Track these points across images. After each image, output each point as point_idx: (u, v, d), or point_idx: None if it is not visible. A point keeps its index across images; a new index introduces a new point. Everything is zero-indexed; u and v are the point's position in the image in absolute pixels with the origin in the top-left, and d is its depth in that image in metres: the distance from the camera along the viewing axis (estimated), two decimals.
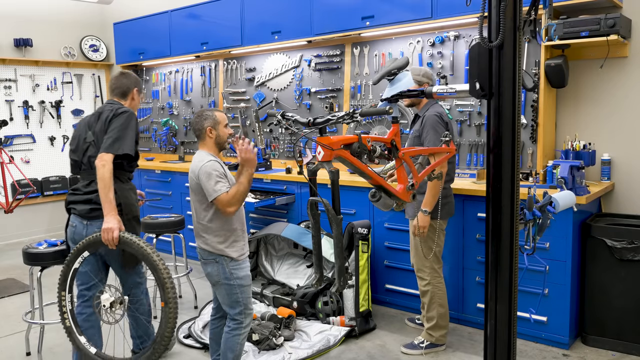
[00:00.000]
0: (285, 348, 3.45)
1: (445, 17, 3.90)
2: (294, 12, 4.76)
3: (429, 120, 3.20)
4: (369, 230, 3.77)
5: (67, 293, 2.85)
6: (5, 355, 3.53)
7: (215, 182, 2.65)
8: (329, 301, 3.80)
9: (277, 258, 4.47)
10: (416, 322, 3.80)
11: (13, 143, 6.62)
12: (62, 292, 2.85)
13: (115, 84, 3.12)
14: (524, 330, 3.46)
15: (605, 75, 3.73)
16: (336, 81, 4.88)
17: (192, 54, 5.79)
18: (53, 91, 6.97)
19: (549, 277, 3.35)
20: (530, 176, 3.73)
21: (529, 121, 3.80)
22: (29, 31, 6.74)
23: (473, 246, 3.65)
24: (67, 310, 2.86)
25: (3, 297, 4.63)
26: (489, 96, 1.89)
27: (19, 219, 6.66)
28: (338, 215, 2.22)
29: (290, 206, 4.58)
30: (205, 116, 2.82)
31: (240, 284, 2.78)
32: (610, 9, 3.58)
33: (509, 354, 1.98)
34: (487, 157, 1.94)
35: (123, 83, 3.11)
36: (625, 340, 3.32)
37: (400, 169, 2.59)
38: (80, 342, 2.86)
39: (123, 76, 3.15)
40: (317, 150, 2.25)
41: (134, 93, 3.13)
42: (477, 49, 1.88)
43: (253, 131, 5.48)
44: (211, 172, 2.67)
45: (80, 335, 2.87)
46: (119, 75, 3.16)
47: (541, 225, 2.17)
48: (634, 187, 3.71)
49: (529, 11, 1.97)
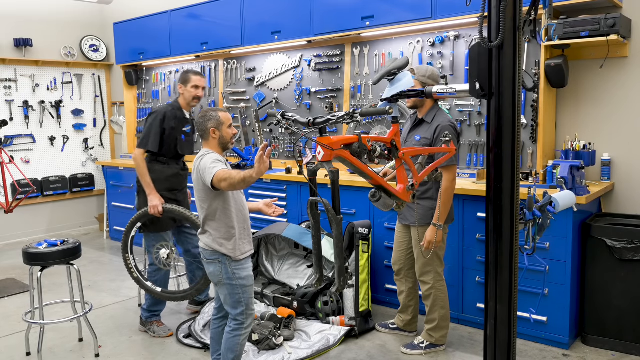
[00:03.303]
0: (285, 348, 3.45)
1: (445, 17, 3.90)
2: (294, 12, 4.76)
3: (444, 130, 3.14)
4: (369, 230, 3.78)
5: (130, 254, 3.70)
6: (5, 355, 3.53)
7: (211, 163, 2.66)
8: (329, 301, 3.80)
9: (278, 258, 4.47)
10: (390, 327, 3.73)
11: (13, 143, 6.62)
12: (126, 255, 3.69)
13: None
14: (524, 330, 3.46)
15: (605, 75, 3.74)
16: (336, 81, 4.88)
17: (192, 54, 5.79)
18: (53, 91, 6.97)
19: (549, 277, 3.35)
20: (530, 176, 3.73)
21: (529, 121, 3.80)
22: (29, 31, 6.74)
23: (473, 246, 3.65)
24: (133, 266, 3.69)
25: (3, 297, 4.63)
26: (489, 96, 1.89)
27: (19, 219, 6.66)
28: (338, 215, 2.22)
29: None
30: (209, 117, 2.82)
31: (243, 284, 2.78)
32: (610, 9, 3.58)
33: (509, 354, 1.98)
34: (487, 157, 1.94)
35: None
36: (625, 340, 3.32)
37: (400, 169, 2.59)
38: (147, 286, 3.71)
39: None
40: (317, 150, 2.25)
41: (179, 87, 3.79)
42: (477, 49, 1.88)
43: (253, 131, 5.48)
44: (209, 159, 2.70)
45: (146, 281, 3.72)
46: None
47: (541, 225, 2.17)
48: (634, 187, 3.71)
49: (529, 11, 1.98)
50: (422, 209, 3.28)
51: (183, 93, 3.78)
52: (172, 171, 3.80)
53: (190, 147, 3.94)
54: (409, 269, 3.52)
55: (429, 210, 3.26)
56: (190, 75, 3.77)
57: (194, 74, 3.78)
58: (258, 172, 2.47)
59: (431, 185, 3.25)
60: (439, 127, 3.19)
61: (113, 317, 4.09)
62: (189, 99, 3.78)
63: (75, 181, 7.21)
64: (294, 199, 4.60)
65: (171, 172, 3.79)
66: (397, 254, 3.56)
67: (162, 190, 3.70)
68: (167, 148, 3.75)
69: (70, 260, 3.38)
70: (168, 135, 3.72)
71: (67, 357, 3.49)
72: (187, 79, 3.76)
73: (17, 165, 6.32)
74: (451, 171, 3.15)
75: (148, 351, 3.56)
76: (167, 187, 3.74)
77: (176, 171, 3.82)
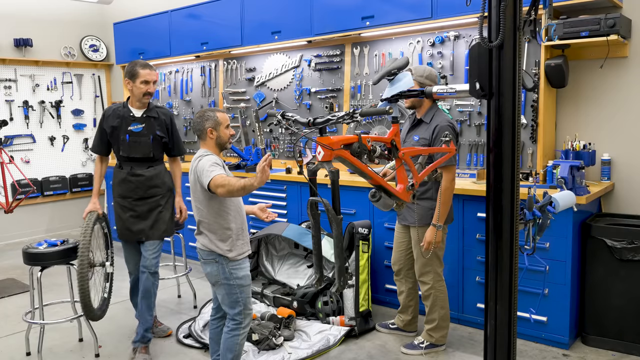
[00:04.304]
0: (285, 348, 3.45)
1: (445, 17, 3.90)
2: (294, 12, 4.76)
3: (442, 130, 3.15)
4: (369, 230, 3.78)
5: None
6: (5, 355, 3.53)
7: (209, 167, 2.65)
8: (329, 301, 3.80)
9: (278, 258, 4.47)
10: (390, 327, 3.74)
11: (13, 143, 6.62)
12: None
13: None
14: (524, 330, 3.46)
15: (605, 75, 3.73)
16: (336, 81, 4.88)
17: (192, 54, 5.79)
18: (53, 91, 6.97)
19: (549, 277, 3.35)
20: (530, 176, 3.73)
21: (529, 121, 3.80)
22: (29, 31, 6.74)
23: (473, 246, 3.65)
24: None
25: (3, 297, 4.63)
26: (489, 96, 1.89)
27: (19, 219, 6.66)
28: (338, 215, 2.22)
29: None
30: (207, 117, 2.82)
31: (240, 284, 2.78)
32: (610, 9, 3.58)
33: (509, 354, 1.98)
34: (487, 157, 1.94)
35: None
36: (625, 340, 3.32)
37: (400, 169, 2.59)
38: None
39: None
40: (317, 150, 2.25)
41: (127, 83, 3.42)
42: (477, 49, 1.88)
43: (253, 131, 5.48)
44: (207, 162, 2.69)
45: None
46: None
47: (541, 225, 2.17)
48: (634, 187, 3.71)
49: (529, 11, 1.98)
50: (421, 209, 3.28)
51: (131, 89, 3.39)
52: (121, 176, 3.47)
53: (143, 149, 3.43)
54: (408, 269, 3.52)
55: (428, 211, 3.26)
56: (137, 69, 3.35)
57: (142, 67, 3.37)
58: (259, 182, 2.50)
59: (430, 185, 3.25)
60: (438, 127, 3.19)
61: (113, 317, 4.09)
62: (139, 95, 3.38)
63: (75, 181, 7.21)
64: (294, 199, 4.60)
65: (120, 177, 3.48)
66: (396, 254, 3.56)
67: (116, 196, 3.52)
68: (115, 150, 3.49)
69: (70, 260, 3.38)
70: (110, 135, 3.45)
71: (67, 357, 3.48)
72: (134, 73, 3.36)
73: (17, 165, 6.32)
74: (450, 171, 3.15)
75: None
76: (118, 193, 3.50)
77: (123, 176, 3.46)
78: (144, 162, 3.45)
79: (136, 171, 3.43)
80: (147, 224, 3.44)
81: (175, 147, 3.63)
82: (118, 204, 3.49)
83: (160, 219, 3.47)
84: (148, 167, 3.45)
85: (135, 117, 3.43)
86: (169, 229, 3.53)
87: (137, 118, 3.43)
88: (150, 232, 3.44)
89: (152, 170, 3.46)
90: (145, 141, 3.43)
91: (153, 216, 3.45)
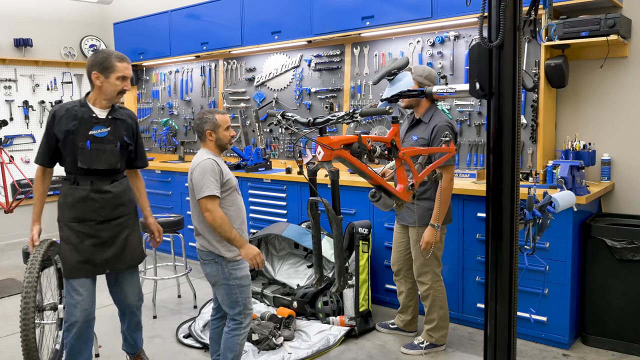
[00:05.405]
0: (285, 348, 3.45)
1: (445, 17, 3.90)
2: (294, 12, 4.76)
3: (441, 130, 3.15)
4: (369, 230, 3.78)
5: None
6: (5, 356, 3.53)
7: (206, 180, 2.66)
8: (328, 301, 3.80)
9: (278, 258, 4.47)
10: (390, 327, 3.74)
11: (13, 143, 6.62)
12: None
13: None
14: (524, 330, 3.46)
15: (605, 75, 3.73)
16: (336, 81, 4.88)
17: (192, 54, 5.79)
18: (53, 91, 6.97)
19: (549, 277, 3.35)
20: (530, 176, 3.73)
21: (529, 121, 3.80)
22: (29, 31, 6.74)
23: (473, 246, 3.65)
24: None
25: (3, 297, 4.63)
26: (489, 96, 1.89)
27: (19, 219, 6.64)
28: (338, 215, 2.22)
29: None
30: (206, 119, 2.82)
31: (240, 284, 2.78)
32: (610, 9, 3.58)
33: (509, 354, 1.98)
34: (487, 157, 1.94)
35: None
36: (625, 340, 3.32)
37: (400, 169, 2.59)
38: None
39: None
40: (317, 150, 2.25)
41: (95, 78, 2.72)
42: (477, 49, 1.88)
43: (253, 131, 5.48)
44: (205, 171, 2.68)
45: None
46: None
47: (541, 225, 2.18)
48: (634, 187, 3.71)
49: (529, 11, 1.98)
50: (420, 210, 3.28)
51: (101, 85, 2.69)
52: (78, 195, 2.73)
53: (109, 158, 2.76)
54: (408, 269, 3.52)
55: (427, 211, 3.26)
56: (113, 61, 2.68)
57: (119, 60, 2.71)
58: (244, 251, 2.71)
59: (429, 185, 3.25)
60: (436, 127, 3.19)
61: (113, 317, 4.08)
62: (111, 94, 2.72)
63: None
64: (294, 199, 4.60)
65: (77, 196, 2.73)
66: (396, 254, 3.56)
67: (68, 220, 2.74)
68: (69, 161, 2.74)
69: None
70: (63, 142, 2.71)
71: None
72: (109, 66, 2.68)
73: (17, 165, 6.32)
74: (449, 171, 3.15)
75: (148, 351, 3.55)
76: (73, 216, 2.74)
77: (83, 194, 2.73)
78: (107, 175, 2.79)
79: (100, 187, 2.76)
80: (113, 251, 2.81)
81: (139, 157, 3.01)
82: (72, 230, 2.75)
83: (128, 245, 2.86)
84: (112, 182, 2.81)
85: (99, 118, 2.75)
86: (139, 255, 2.96)
87: (102, 120, 2.76)
88: (118, 262, 2.83)
89: (118, 186, 2.83)
90: (112, 149, 2.77)
91: (119, 242, 2.83)
